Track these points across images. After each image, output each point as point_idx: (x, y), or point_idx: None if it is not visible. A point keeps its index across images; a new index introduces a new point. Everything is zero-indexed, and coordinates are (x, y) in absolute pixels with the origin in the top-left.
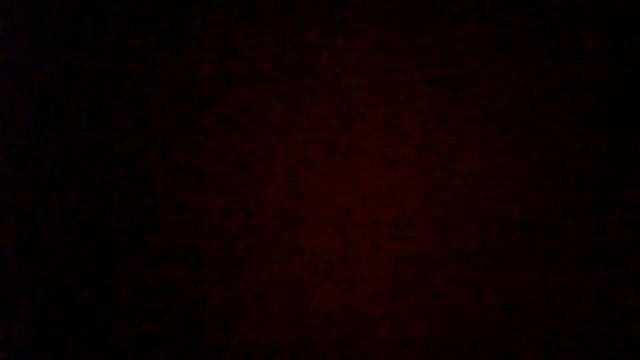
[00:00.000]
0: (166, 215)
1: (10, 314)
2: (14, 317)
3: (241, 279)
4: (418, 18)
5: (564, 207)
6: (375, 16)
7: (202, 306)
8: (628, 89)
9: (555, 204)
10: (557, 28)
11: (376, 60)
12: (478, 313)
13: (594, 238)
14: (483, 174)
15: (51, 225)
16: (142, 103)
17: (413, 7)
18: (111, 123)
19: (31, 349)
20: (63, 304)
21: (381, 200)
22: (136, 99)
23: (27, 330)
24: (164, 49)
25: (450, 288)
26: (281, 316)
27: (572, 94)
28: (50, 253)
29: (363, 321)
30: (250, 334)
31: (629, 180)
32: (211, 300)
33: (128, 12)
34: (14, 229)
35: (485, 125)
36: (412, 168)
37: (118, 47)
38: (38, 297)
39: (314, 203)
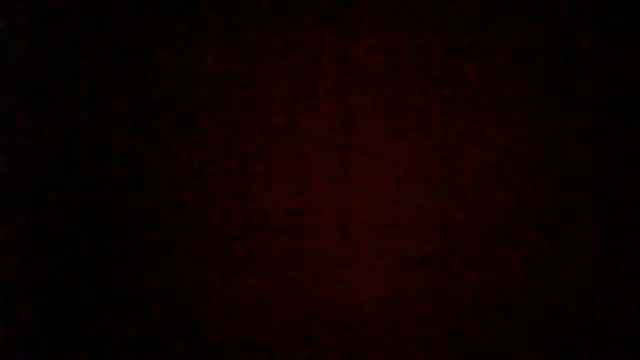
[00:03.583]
0: (166, 215)
1: (10, 314)
2: (14, 317)
3: (241, 279)
4: (418, 18)
5: (564, 207)
6: (375, 16)
7: (202, 306)
8: (628, 89)
9: (555, 204)
10: (557, 28)
11: (376, 60)
12: (478, 313)
13: (594, 238)
14: (483, 174)
15: (51, 225)
16: (142, 103)
17: (413, 7)
18: (111, 123)
19: (31, 349)
20: (63, 304)
21: (381, 200)
22: (136, 99)
23: (27, 330)
24: (164, 49)
25: (450, 288)
26: (281, 316)
27: (572, 94)
28: (50, 253)
29: (363, 321)
30: (250, 334)
31: (629, 180)
32: (211, 300)
33: (128, 12)
34: (14, 229)
35: (485, 125)
36: (412, 168)
37: (118, 47)
38: (38, 297)
39: (314, 203)
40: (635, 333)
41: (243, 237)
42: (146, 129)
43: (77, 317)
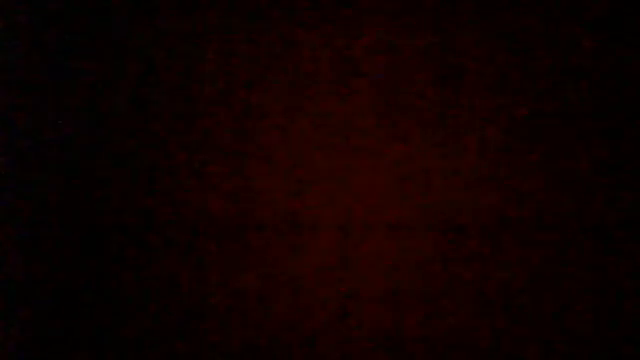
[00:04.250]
0: (166, 215)
1: (10, 314)
2: (14, 317)
3: (241, 279)
4: (419, 18)
5: (564, 207)
6: (375, 16)
7: (202, 306)
8: (628, 89)
9: (555, 204)
10: (557, 28)
11: (376, 60)
12: (478, 313)
13: (594, 238)
14: (483, 174)
15: (51, 225)
16: (142, 103)
17: (413, 7)
18: (111, 123)
19: (31, 349)
20: (63, 304)
21: (381, 200)
22: (136, 99)
23: (27, 330)
24: (164, 49)
25: (450, 288)
26: (281, 316)
27: (572, 94)
28: (50, 253)
29: (363, 321)
30: (250, 334)
31: (629, 180)
32: (211, 300)
33: (128, 12)
34: (14, 229)
35: (485, 125)
36: (412, 168)
37: (118, 47)
38: (38, 297)
39: (314, 203)
40: (635, 333)
41: (243, 237)
42: (146, 129)
43: (77, 317)
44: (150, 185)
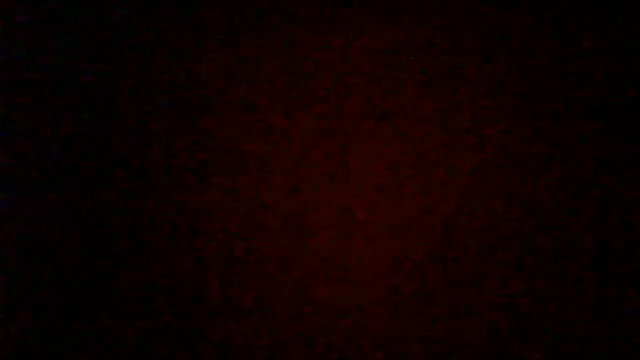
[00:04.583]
0: (166, 215)
1: (10, 314)
2: (14, 317)
3: (241, 279)
4: (418, 18)
5: (564, 207)
6: (374, 16)
7: (202, 306)
8: (628, 89)
9: (555, 204)
10: (557, 28)
11: (376, 60)
12: (478, 313)
13: (594, 238)
14: (483, 174)
15: (51, 225)
16: (142, 103)
17: (413, 7)
18: (111, 123)
19: (31, 349)
20: (63, 304)
21: (381, 200)
22: (136, 99)
23: (27, 330)
24: (164, 49)
25: (450, 288)
26: (281, 316)
27: (572, 94)
28: (50, 253)
29: (363, 321)
30: (250, 334)
31: (629, 180)
32: (211, 300)
33: (128, 12)
34: (14, 229)
35: (485, 125)
36: (412, 168)
37: (118, 47)
38: (38, 297)
39: (314, 203)
40: (635, 333)
41: (243, 237)
42: (146, 129)
43: (77, 317)
44: (150, 185)
